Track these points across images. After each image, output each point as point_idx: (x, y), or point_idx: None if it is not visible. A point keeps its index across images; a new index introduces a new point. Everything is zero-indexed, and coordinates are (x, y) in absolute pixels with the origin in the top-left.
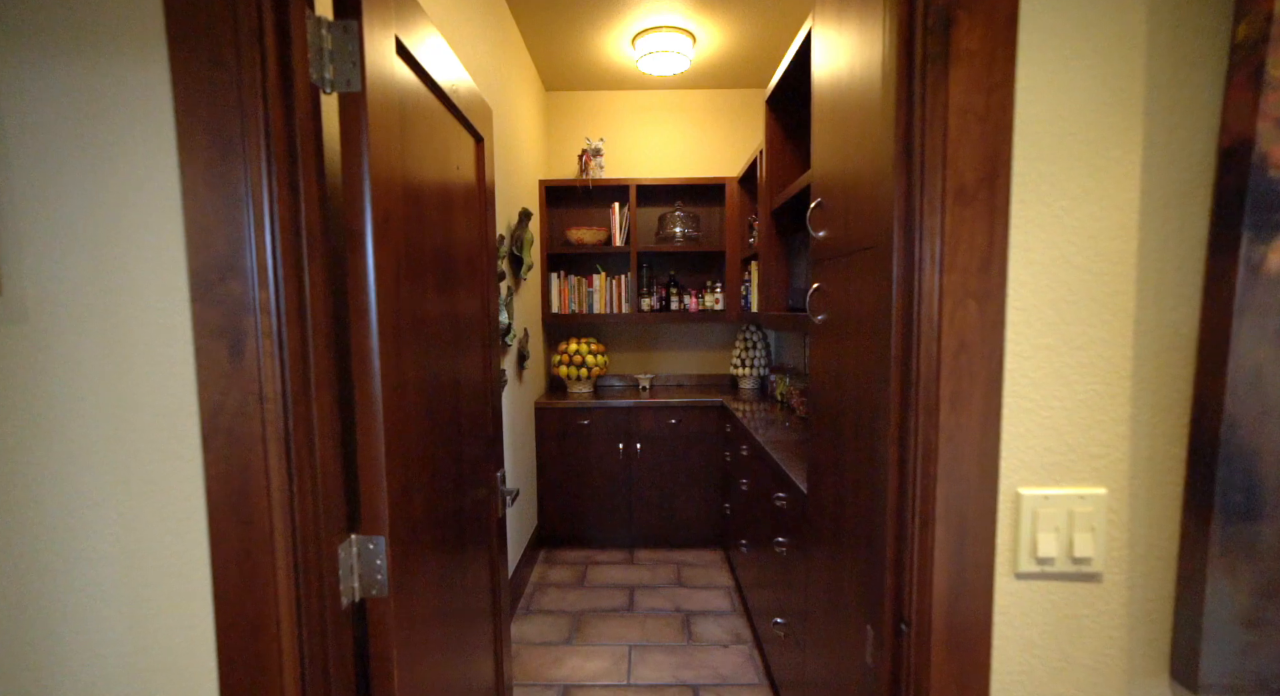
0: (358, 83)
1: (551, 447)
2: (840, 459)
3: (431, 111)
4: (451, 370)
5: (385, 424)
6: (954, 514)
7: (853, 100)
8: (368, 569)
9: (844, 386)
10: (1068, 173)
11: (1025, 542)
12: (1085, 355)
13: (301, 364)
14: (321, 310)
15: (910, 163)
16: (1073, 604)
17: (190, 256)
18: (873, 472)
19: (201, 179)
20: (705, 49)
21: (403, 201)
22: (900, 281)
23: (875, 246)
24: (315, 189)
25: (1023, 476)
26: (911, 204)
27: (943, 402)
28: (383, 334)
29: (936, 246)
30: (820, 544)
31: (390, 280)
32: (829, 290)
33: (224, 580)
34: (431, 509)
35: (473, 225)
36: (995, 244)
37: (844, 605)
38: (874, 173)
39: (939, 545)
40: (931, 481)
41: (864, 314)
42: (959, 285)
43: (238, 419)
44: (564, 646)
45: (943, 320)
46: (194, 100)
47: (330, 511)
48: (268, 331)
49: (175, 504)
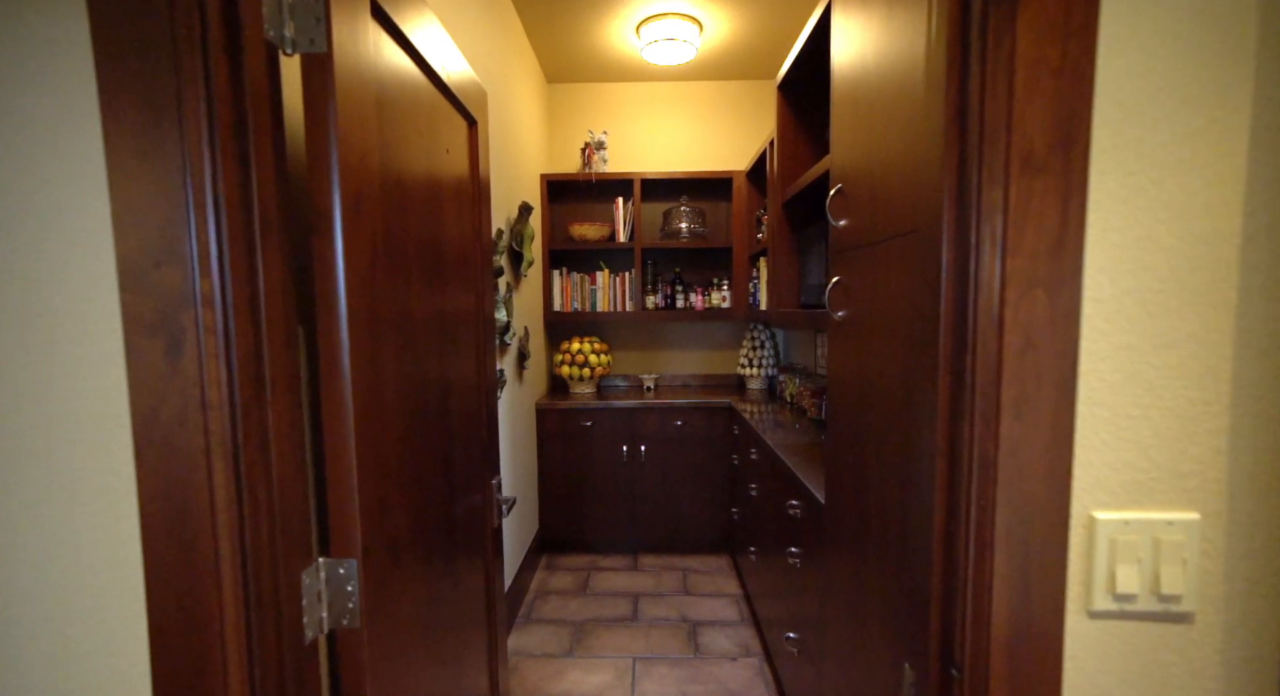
0: (323, 42)
1: (553, 449)
2: (863, 469)
3: (416, 87)
4: (441, 371)
5: (358, 432)
6: (1016, 541)
7: (884, 68)
8: (338, 596)
9: (868, 389)
10: (1159, 137)
11: (1100, 576)
12: (1175, 355)
13: (254, 364)
14: (280, 303)
15: (965, 128)
16: (1158, 649)
17: (118, 239)
18: (909, 488)
19: (130, 148)
20: (712, 38)
21: (380, 183)
22: (951, 268)
23: (915, 231)
24: (271, 163)
25: (1098, 498)
26: (966, 177)
27: (1004, 410)
28: (355, 330)
29: (998, 226)
30: (839, 559)
31: (363, 270)
32: (850, 284)
33: (161, 616)
34: (416, 523)
35: (465, 215)
36: (1069, 222)
37: (869, 631)
38: (911, 146)
39: (998, 577)
40: (989, 502)
41: (893, 309)
42: (1025, 271)
43: (176, 428)
44: (565, 658)
45: (1005, 313)
46: (118, 55)
47: (292, 533)
48: (211, 327)
49: (107, 527)
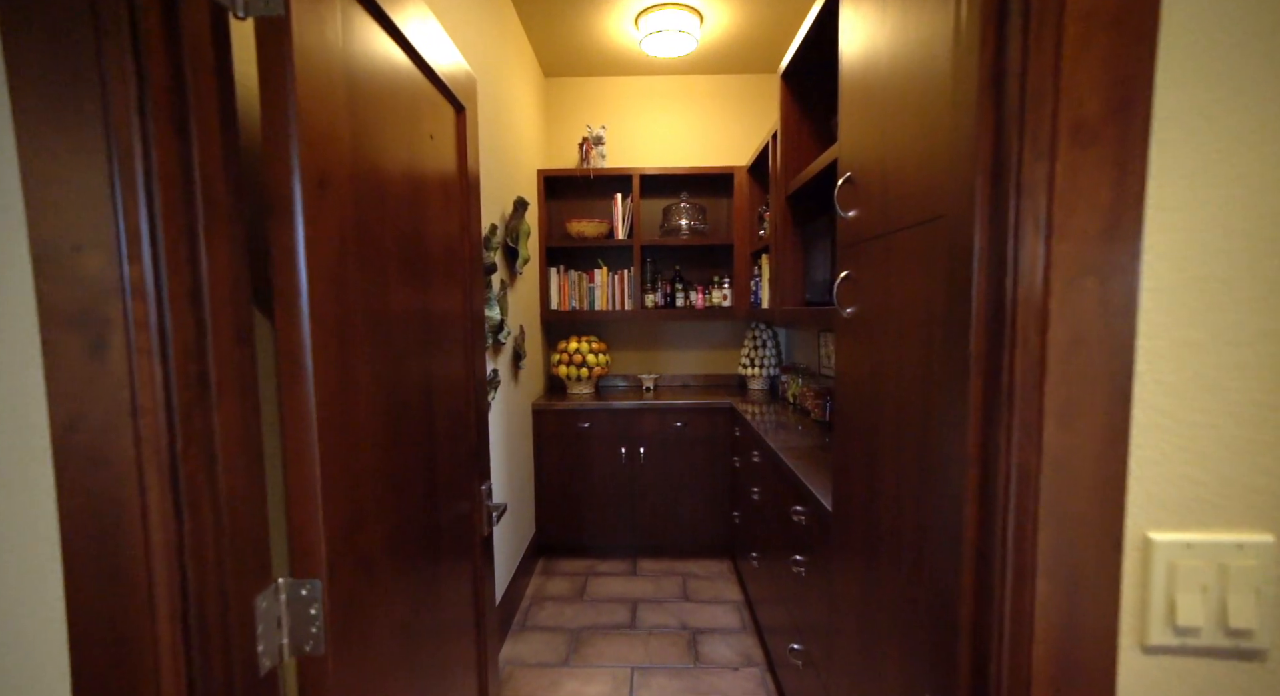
0: (280, 4)
1: (550, 451)
2: (875, 477)
3: (394, 66)
4: (425, 372)
5: (323, 438)
6: (1062, 565)
7: (901, 40)
8: (300, 620)
9: (880, 391)
10: (1233, 101)
11: (1158, 606)
12: (1246, 354)
13: (196, 363)
14: (228, 293)
15: (1003, 95)
16: (1224, 690)
17: (31, 219)
18: (929, 500)
19: (42, 112)
20: (713, 29)
21: (350, 166)
22: (985, 255)
23: (939, 217)
24: (218, 135)
25: (1154, 516)
26: (1004, 151)
27: (1048, 416)
28: (319, 326)
29: (1042, 205)
30: (848, 571)
31: (330, 261)
32: (860, 278)
33: (85, 654)
34: (395, 535)
35: (453, 207)
36: (1125, 200)
37: (883, 652)
38: (933, 123)
39: (1041, 606)
40: (1030, 521)
41: (909, 304)
42: (1073, 256)
43: (102, 437)
44: (561, 668)
45: (1049, 304)
46: (20, 2)
47: (243, 552)
48: (142, 320)
49: (23, 555)
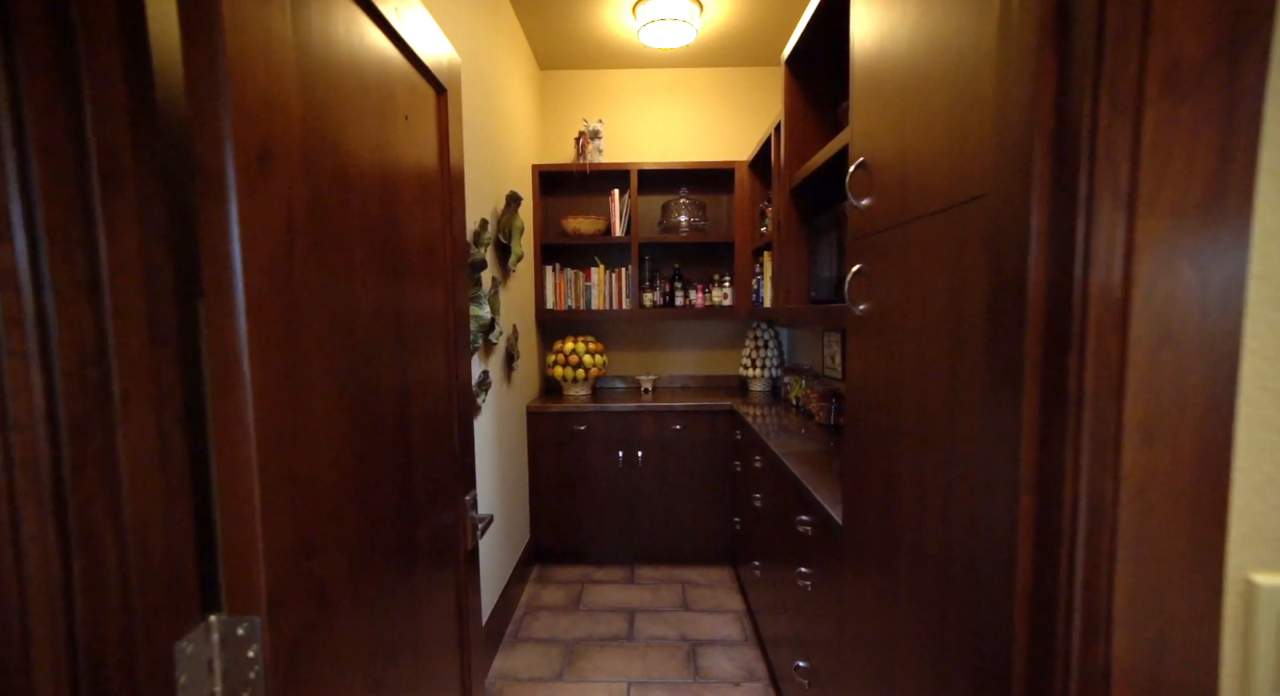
0: None
1: (545, 455)
2: (891, 491)
3: (361, 37)
4: (399, 377)
5: (263, 452)
6: (1145, 614)
7: (924, 6)
8: (235, 664)
9: (898, 396)
10: None
11: (1264, 661)
12: None
13: (93, 369)
14: (137, 284)
15: (1068, 38)
16: None
17: None
18: (959, 522)
19: None
20: (713, 19)
21: (301, 141)
22: (1043, 236)
23: (978, 197)
24: (123, 90)
25: (1260, 554)
26: (1070, 109)
27: (1128, 432)
28: (260, 323)
29: (1123, 173)
30: (860, 592)
31: (273, 248)
32: (874, 272)
33: None
34: (360, 558)
35: (433, 198)
36: (1232, 166)
37: (901, 681)
38: (968, 87)
39: (1119, 663)
40: (1105, 559)
41: (932, 299)
42: (1162, 236)
43: None
44: (555, 683)
45: (1132, 295)
46: None
47: (157, 590)
48: (14, 315)
49: None
